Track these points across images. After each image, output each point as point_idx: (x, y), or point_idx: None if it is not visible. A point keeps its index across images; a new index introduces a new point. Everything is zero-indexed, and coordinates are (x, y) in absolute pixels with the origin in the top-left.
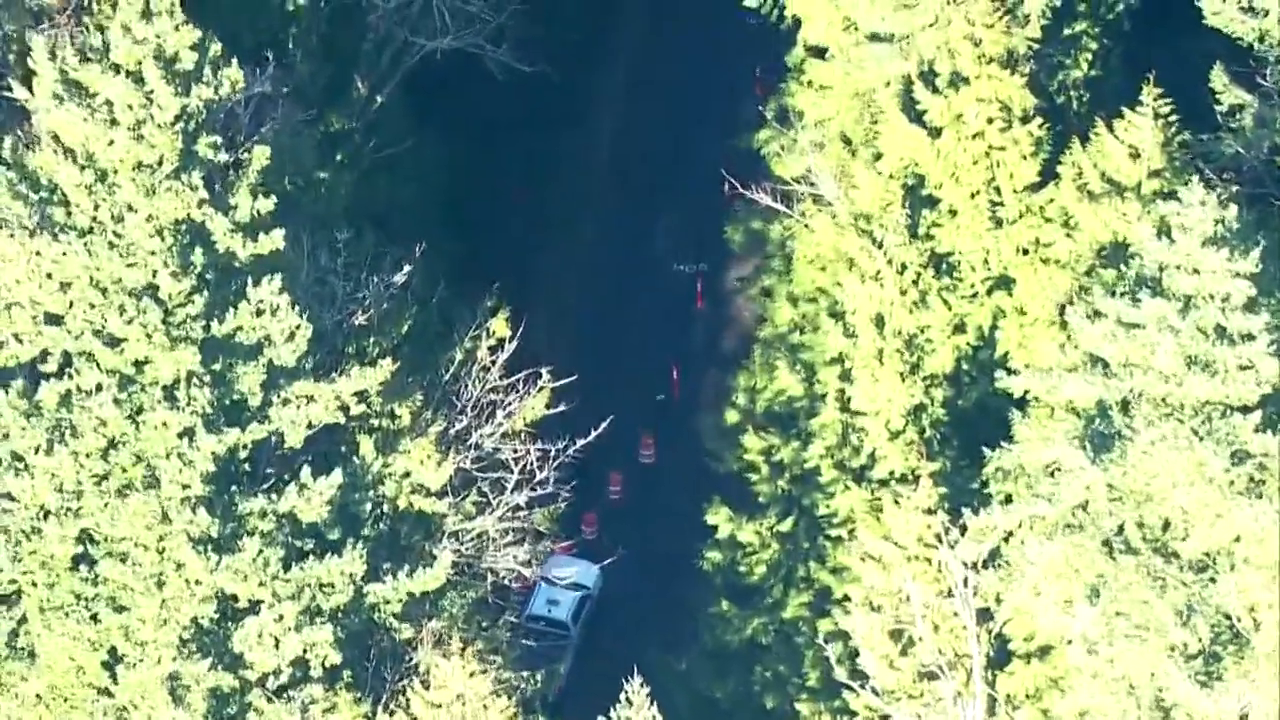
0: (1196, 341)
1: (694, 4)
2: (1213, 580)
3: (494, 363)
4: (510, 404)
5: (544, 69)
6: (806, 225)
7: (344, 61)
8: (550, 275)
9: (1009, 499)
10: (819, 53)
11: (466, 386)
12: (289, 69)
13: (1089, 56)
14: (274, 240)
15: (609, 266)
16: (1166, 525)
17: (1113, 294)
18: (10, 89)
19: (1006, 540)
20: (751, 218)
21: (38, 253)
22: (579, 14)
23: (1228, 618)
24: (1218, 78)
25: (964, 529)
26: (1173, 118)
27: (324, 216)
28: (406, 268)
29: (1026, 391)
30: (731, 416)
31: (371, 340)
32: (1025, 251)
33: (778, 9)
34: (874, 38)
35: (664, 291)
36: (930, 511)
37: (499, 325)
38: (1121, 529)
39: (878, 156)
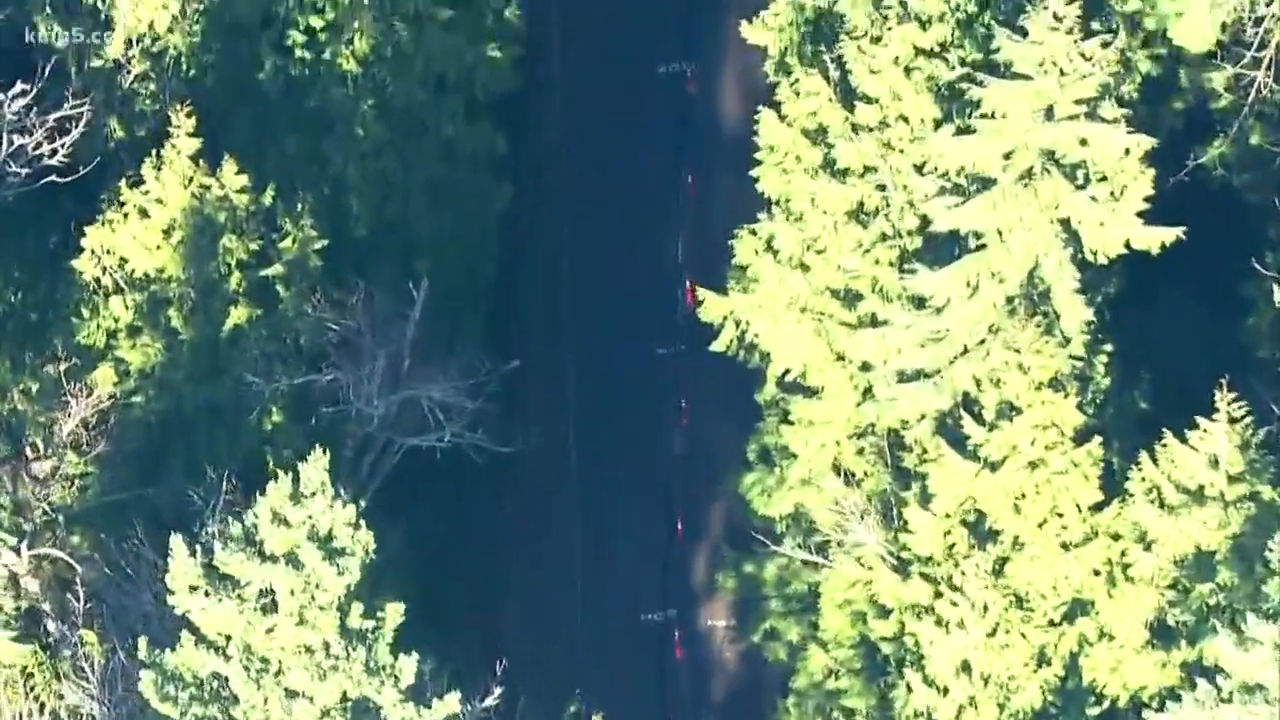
0: None
1: (609, 341)
2: None
3: None
4: None
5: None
6: (830, 567)
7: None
8: (523, 638)
9: None
10: (798, 388)
11: None
12: None
13: (1105, 359)
14: (449, 705)
15: (576, 620)
16: None
17: (1267, 618)
18: None
19: None
20: (742, 560)
21: None
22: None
23: None
24: None
25: None
26: (1247, 419)
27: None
28: (498, 690)
29: None
30: None
31: None
32: (1098, 573)
33: (744, 349)
34: (865, 367)
35: (637, 642)
36: None
37: None
38: None
39: (928, 497)
